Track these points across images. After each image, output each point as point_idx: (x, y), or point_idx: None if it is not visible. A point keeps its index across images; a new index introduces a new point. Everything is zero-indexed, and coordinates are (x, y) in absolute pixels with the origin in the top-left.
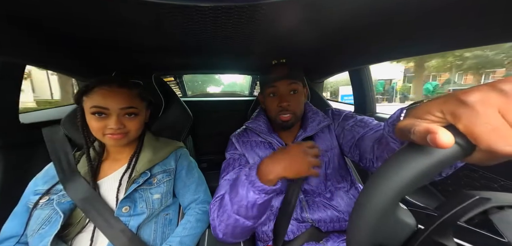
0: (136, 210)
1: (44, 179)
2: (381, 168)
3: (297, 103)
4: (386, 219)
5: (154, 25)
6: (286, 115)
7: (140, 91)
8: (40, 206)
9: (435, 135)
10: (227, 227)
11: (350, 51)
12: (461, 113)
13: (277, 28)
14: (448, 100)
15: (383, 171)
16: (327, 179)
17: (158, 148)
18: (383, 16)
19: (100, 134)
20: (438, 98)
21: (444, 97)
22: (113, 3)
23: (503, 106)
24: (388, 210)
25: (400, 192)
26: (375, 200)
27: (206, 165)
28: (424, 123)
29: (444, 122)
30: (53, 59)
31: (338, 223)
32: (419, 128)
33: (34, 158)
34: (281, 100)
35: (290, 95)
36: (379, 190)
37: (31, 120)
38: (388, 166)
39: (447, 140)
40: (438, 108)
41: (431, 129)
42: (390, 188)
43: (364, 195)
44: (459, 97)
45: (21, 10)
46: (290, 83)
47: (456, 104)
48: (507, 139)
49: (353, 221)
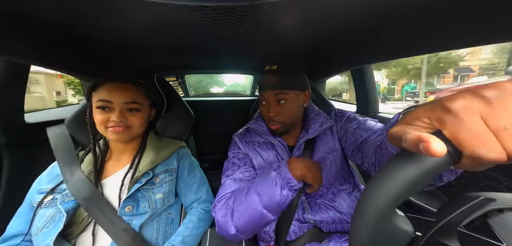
0: (139, 209)
1: (48, 178)
2: (375, 176)
3: (285, 113)
4: (383, 226)
5: (157, 26)
6: (274, 125)
7: (144, 89)
8: (44, 204)
9: (428, 143)
10: (248, 222)
11: (352, 50)
12: (446, 120)
13: (278, 28)
14: (435, 107)
15: (377, 179)
16: (329, 181)
17: (161, 148)
18: (385, 14)
19: (103, 127)
20: (425, 105)
21: (431, 104)
22: (118, 4)
23: (485, 113)
24: (384, 218)
25: (394, 199)
26: (370, 208)
27: (208, 164)
28: (414, 129)
29: (431, 128)
30: (57, 60)
31: (340, 224)
32: (411, 137)
33: (39, 157)
34: (268, 110)
35: (278, 106)
36: (374, 198)
37: (36, 120)
38: (381, 174)
39: (439, 149)
40: (426, 114)
41: (423, 137)
42: (383, 196)
43: (361, 203)
44: (444, 104)
45: (29, 12)
46: (277, 94)
47: (442, 111)
48: (489, 145)
49: (352, 228)
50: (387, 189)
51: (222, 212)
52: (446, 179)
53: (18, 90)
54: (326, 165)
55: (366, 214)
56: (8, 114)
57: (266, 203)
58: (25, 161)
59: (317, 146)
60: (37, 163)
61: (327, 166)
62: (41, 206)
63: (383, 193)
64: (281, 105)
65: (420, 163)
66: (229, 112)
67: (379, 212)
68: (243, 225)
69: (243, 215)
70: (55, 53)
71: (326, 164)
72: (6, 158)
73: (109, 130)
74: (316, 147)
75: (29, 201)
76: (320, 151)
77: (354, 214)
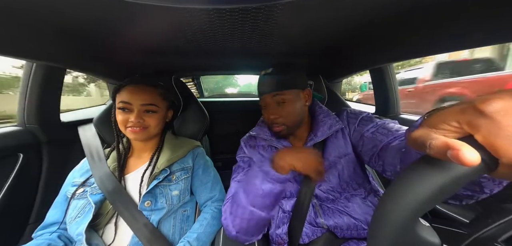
0: (157, 205)
1: (80, 172)
2: (394, 183)
3: (286, 114)
4: (404, 238)
5: (175, 30)
6: (277, 127)
7: (163, 91)
8: (76, 196)
9: (458, 151)
10: (242, 221)
11: (371, 49)
12: (480, 124)
13: (293, 28)
14: (466, 109)
15: (396, 186)
16: (341, 186)
17: (177, 147)
18: (408, 11)
19: (123, 126)
20: (454, 107)
21: (460, 106)
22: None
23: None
24: (404, 228)
25: (415, 209)
26: (389, 218)
27: (221, 164)
28: (440, 134)
29: (461, 133)
30: (87, 64)
31: (356, 230)
32: (437, 142)
33: (73, 153)
34: (268, 113)
35: (278, 108)
36: (392, 207)
37: (70, 119)
38: (401, 181)
39: (473, 157)
40: (454, 117)
41: (452, 144)
42: (403, 206)
43: (378, 212)
44: (477, 106)
45: (65, 21)
46: (274, 96)
47: (474, 114)
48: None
49: (369, 239)
50: (408, 199)
51: (224, 215)
52: (489, 191)
53: (55, 92)
54: (338, 169)
55: (384, 224)
56: (47, 115)
57: (252, 200)
58: (61, 156)
59: (327, 149)
60: (71, 157)
61: (338, 170)
62: (74, 197)
63: (403, 203)
64: (281, 106)
65: (446, 171)
66: (242, 113)
67: (398, 222)
68: (238, 225)
69: (237, 216)
70: (85, 59)
71: (337, 168)
72: (45, 153)
73: (128, 129)
74: (326, 150)
75: (64, 193)
76: (330, 155)
77: (371, 223)
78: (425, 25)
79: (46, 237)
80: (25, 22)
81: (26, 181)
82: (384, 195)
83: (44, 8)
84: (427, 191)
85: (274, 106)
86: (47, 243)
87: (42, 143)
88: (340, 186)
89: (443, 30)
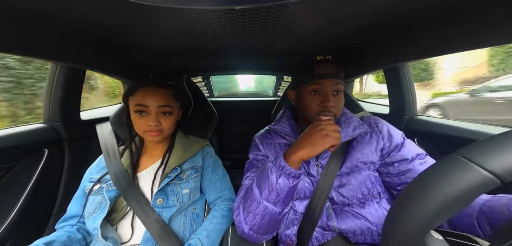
0: (168, 202)
1: (97, 168)
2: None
3: (339, 106)
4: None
5: (187, 30)
6: (328, 116)
7: (174, 92)
8: (93, 192)
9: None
10: (255, 217)
11: (385, 48)
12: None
13: (303, 27)
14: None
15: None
16: (362, 192)
17: (188, 146)
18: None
19: (142, 130)
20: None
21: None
22: (154, 14)
23: None
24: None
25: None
26: (396, 231)
27: (230, 163)
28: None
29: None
30: (104, 65)
31: (370, 236)
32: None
33: (91, 150)
34: (324, 99)
35: (334, 96)
36: (400, 220)
37: (89, 117)
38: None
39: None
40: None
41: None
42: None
43: (387, 223)
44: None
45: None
46: (336, 83)
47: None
48: None
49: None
50: (416, 211)
51: (237, 211)
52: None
53: (76, 91)
54: (360, 174)
55: (391, 238)
56: (69, 112)
57: (266, 196)
58: (81, 152)
59: (351, 152)
60: (90, 154)
61: (361, 175)
62: (91, 193)
63: (410, 215)
64: (336, 96)
65: (455, 182)
66: (251, 113)
67: (406, 236)
68: (252, 222)
69: (250, 212)
70: (103, 60)
71: (360, 173)
72: (67, 150)
73: (146, 133)
74: (351, 152)
75: (82, 188)
76: (353, 158)
77: (381, 237)
78: (440, 23)
79: (67, 229)
80: (53, 28)
81: (50, 175)
82: (392, 206)
83: (69, 14)
84: (437, 203)
85: (332, 93)
86: (67, 235)
87: (64, 139)
88: (360, 191)
89: (459, 28)
